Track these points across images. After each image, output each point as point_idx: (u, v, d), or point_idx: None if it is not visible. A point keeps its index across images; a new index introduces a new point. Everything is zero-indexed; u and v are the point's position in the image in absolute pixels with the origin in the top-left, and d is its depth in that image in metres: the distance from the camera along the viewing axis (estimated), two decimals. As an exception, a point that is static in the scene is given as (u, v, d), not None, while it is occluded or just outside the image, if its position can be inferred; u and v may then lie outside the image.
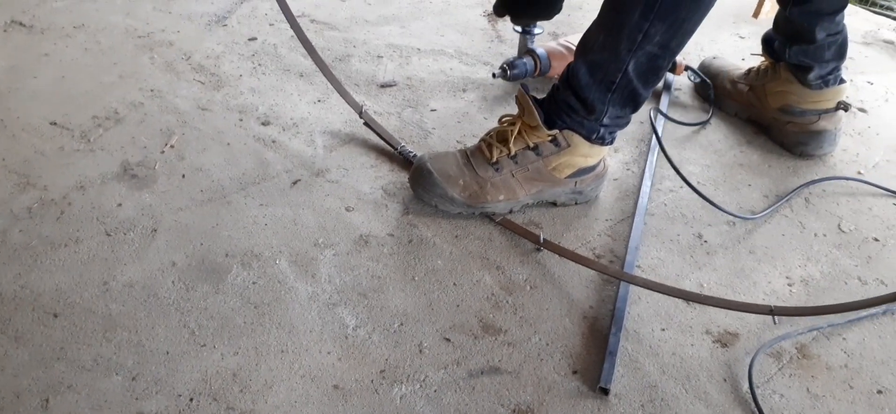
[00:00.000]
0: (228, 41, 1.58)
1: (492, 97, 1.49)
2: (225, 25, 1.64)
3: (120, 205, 1.12)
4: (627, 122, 1.17)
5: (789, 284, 1.11)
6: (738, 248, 1.17)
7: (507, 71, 1.40)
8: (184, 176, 1.19)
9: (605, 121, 1.13)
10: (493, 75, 1.43)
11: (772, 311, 0.98)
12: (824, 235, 1.21)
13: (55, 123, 1.27)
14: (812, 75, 1.34)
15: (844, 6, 1.28)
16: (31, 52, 1.46)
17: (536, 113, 1.12)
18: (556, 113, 1.14)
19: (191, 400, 0.86)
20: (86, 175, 1.17)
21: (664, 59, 1.06)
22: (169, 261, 1.04)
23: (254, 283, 1.02)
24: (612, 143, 1.18)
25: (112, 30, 1.57)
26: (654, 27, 1.01)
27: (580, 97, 1.11)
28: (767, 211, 1.24)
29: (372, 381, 0.90)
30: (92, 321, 0.94)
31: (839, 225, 1.23)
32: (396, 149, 1.29)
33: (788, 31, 1.34)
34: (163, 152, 1.23)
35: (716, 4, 1.03)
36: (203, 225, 1.10)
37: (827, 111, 1.36)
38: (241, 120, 1.33)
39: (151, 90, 1.38)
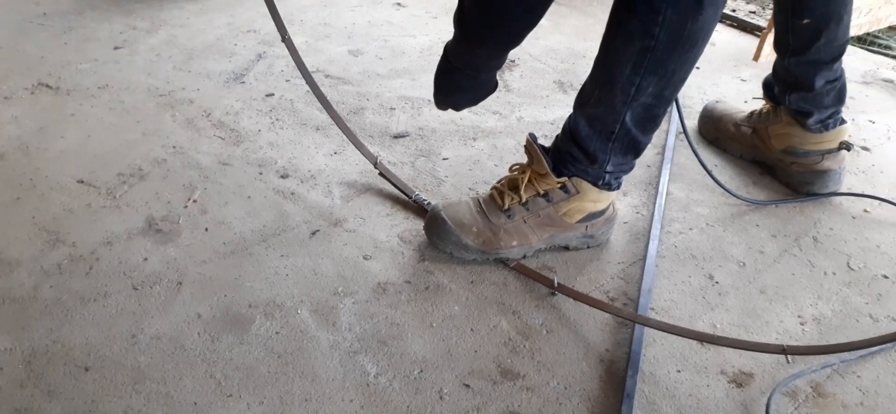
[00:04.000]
0: (247, 97, 1.63)
1: (502, 145, 1.53)
2: (243, 82, 1.70)
3: (146, 259, 1.16)
4: (632, 167, 1.20)
5: (801, 323, 1.13)
6: (750, 288, 1.19)
7: None
8: (207, 229, 1.23)
9: (609, 168, 1.16)
10: None
11: (784, 350, 1.00)
12: (834, 274, 1.23)
13: (82, 181, 1.32)
14: (812, 120, 1.37)
15: (842, 54, 1.32)
16: (58, 113, 1.51)
17: (545, 161, 1.16)
18: (561, 162, 1.18)
19: (219, 450, 0.88)
20: (112, 231, 1.21)
21: (660, 107, 1.09)
22: (194, 313, 1.07)
23: (277, 333, 1.04)
24: (619, 187, 1.21)
25: (135, 89, 1.63)
26: (646, 80, 1.04)
27: (582, 148, 1.14)
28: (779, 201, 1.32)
29: (395, 427, 0.92)
30: (121, 374, 0.97)
31: (848, 263, 1.25)
32: (411, 197, 1.33)
33: (787, 79, 1.37)
34: (186, 207, 1.27)
35: (719, 48, 1.06)
36: (226, 277, 1.13)
37: (830, 151, 1.39)
38: (260, 174, 1.38)
39: (174, 147, 1.43)
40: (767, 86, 1.45)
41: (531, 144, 1.17)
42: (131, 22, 1.95)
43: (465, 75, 1.17)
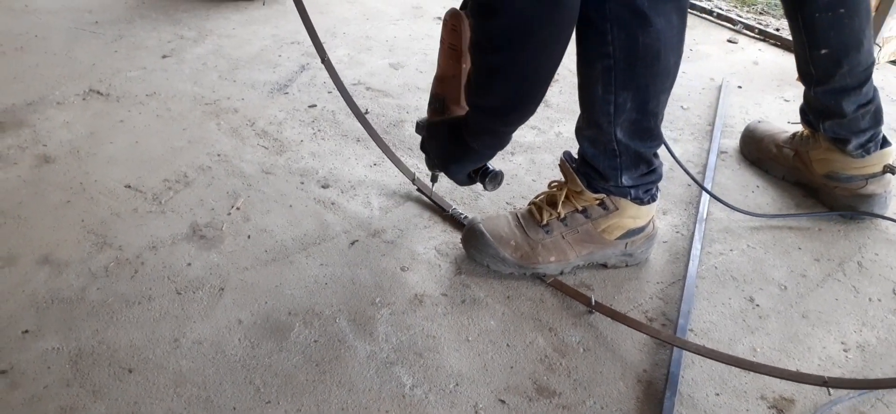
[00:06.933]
0: (290, 108, 1.66)
1: (540, 160, 1.53)
2: (286, 93, 1.73)
3: (189, 264, 1.18)
4: (657, 177, 1.18)
5: (845, 350, 1.10)
6: (791, 312, 1.17)
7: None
8: (249, 237, 1.25)
9: (625, 182, 1.15)
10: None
11: (825, 382, 0.98)
12: (879, 300, 1.20)
13: (130, 186, 1.35)
14: (850, 146, 1.34)
15: (869, 77, 1.28)
16: (108, 119, 1.56)
17: (579, 179, 1.16)
18: (586, 182, 1.18)
19: (257, 455, 0.90)
20: (158, 236, 1.24)
21: (648, 120, 1.08)
22: (235, 319, 1.09)
23: (315, 341, 1.06)
24: (653, 200, 1.20)
25: (182, 97, 1.67)
26: (621, 97, 1.04)
27: (594, 168, 1.15)
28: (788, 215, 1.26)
29: (430, 440, 0.93)
30: (163, 377, 0.99)
31: (894, 289, 1.22)
32: (448, 211, 1.34)
33: (817, 107, 1.35)
34: (229, 214, 1.30)
35: (762, 67, 1.05)
36: (267, 284, 1.15)
37: (874, 175, 1.36)
38: (302, 183, 1.40)
39: (218, 155, 1.46)
40: (803, 112, 1.42)
41: (564, 164, 1.18)
42: (179, 31, 2.00)
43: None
